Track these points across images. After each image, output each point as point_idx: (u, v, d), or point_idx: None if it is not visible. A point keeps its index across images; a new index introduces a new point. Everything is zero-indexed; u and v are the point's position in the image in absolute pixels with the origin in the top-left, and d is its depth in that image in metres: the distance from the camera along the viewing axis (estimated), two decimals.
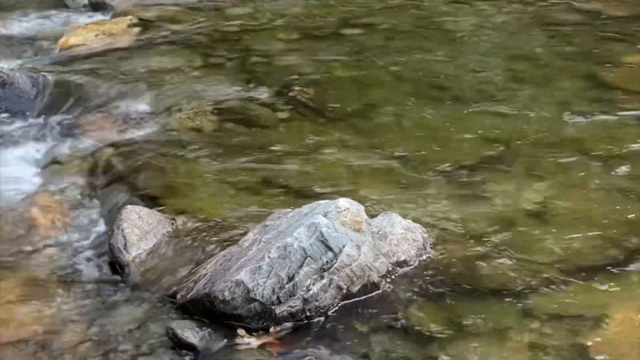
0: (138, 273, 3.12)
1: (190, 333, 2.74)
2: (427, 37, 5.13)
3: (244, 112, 4.30)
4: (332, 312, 2.83)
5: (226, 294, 2.79)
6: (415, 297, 2.92)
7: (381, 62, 4.80)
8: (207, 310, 2.83)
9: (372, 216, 3.16)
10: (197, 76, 4.69)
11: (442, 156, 3.82)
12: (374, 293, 2.90)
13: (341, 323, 2.81)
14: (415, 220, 3.20)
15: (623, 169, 3.66)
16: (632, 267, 3.02)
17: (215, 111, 4.27)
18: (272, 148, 3.94)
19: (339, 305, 2.85)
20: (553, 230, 3.24)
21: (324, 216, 2.90)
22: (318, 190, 3.55)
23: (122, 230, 3.21)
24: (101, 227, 3.45)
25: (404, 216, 3.20)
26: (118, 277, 3.15)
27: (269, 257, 2.82)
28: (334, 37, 5.18)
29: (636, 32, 5.02)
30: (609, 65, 4.61)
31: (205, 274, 2.97)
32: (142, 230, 3.23)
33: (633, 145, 3.85)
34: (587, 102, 4.24)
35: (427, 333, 2.78)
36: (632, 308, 2.81)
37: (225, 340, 2.76)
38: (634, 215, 3.31)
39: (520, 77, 4.56)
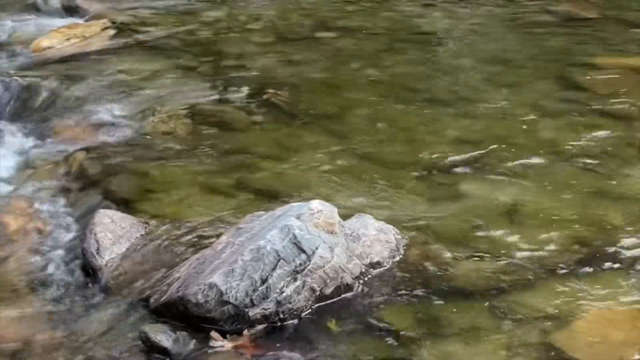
0: (111, 277, 3.10)
1: (163, 337, 2.73)
2: (400, 39, 5.15)
3: (218, 115, 4.30)
4: (306, 314, 2.84)
5: (199, 297, 2.79)
6: (388, 298, 2.92)
7: (355, 65, 4.82)
8: (180, 314, 2.83)
9: (345, 218, 3.17)
10: (170, 80, 4.69)
11: (416, 158, 3.83)
12: (347, 294, 2.91)
13: (315, 325, 2.82)
14: (388, 221, 3.22)
15: (594, 170, 3.69)
16: (601, 266, 3.04)
17: (189, 114, 4.26)
18: (246, 151, 3.94)
19: (313, 307, 2.85)
20: (525, 230, 3.27)
21: (297, 218, 2.91)
22: (292, 192, 3.55)
23: (95, 234, 3.19)
24: (74, 231, 3.44)
25: (378, 218, 3.21)
26: (91, 282, 3.13)
27: (242, 259, 2.82)
28: (308, 40, 5.19)
29: (606, 34, 5.07)
30: (580, 66, 4.65)
31: (178, 277, 2.96)
32: (115, 234, 3.22)
33: (604, 145, 3.89)
34: (559, 103, 4.28)
35: (401, 334, 2.79)
36: (602, 306, 2.84)
37: (199, 343, 2.75)
38: (604, 215, 3.34)
39: (493, 79, 4.59)
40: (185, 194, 3.60)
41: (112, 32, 5.26)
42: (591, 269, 3.04)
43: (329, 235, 2.92)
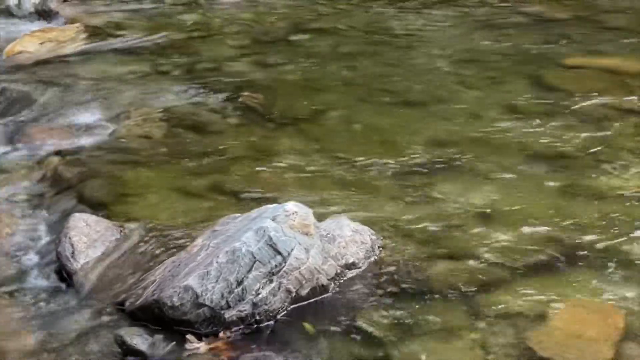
0: (86, 281, 3.09)
1: (139, 340, 2.73)
2: (375, 41, 5.18)
3: (193, 118, 4.29)
4: (282, 316, 2.84)
5: (175, 299, 2.78)
6: (364, 299, 2.94)
7: (330, 67, 4.84)
8: (156, 317, 2.82)
9: (321, 219, 3.18)
10: (145, 83, 4.68)
11: (391, 159, 3.85)
12: (323, 296, 2.92)
13: (291, 326, 2.82)
14: (364, 222, 3.23)
15: (567, 169, 3.73)
16: (574, 264, 3.07)
17: (164, 118, 4.26)
18: (221, 153, 3.95)
19: (289, 308, 2.86)
20: (498, 230, 3.29)
21: (272, 220, 2.91)
22: (268, 194, 3.56)
23: (70, 238, 3.18)
24: (48, 235, 3.42)
25: (353, 219, 3.22)
26: (66, 286, 3.12)
27: (217, 262, 2.82)
28: (283, 42, 5.21)
29: (578, 34, 5.13)
30: (553, 67, 4.70)
31: (154, 281, 2.96)
32: (90, 238, 3.21)
33: (576, 145, 3.93)
34: (532, 104, 4.32)
35: (376, 334, 2.80)
36: (574, 303, 2.87)
37: (175, 346, 2.75)
38: (576, 214, 3.37)
39: (467, 80, 4.63)
40: (160, 196, 3.59)
41: (86, 36, 5.24)
42: (564, 268, 3.07)
43: (304, 237, 2.93)
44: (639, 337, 2.73)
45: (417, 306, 2.90)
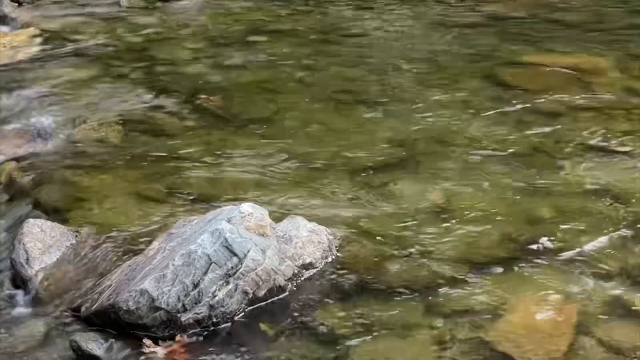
0: (41, 287, 3.06)
1: (95, 345, 2.71)
2: (333, 42, 5.18)
3: (150, 121, 4.27)
4: (239, 317, 2.84)
5: (130, 303, 2.77)
6: (322, 299, 2.94)
7: (288, 68, 4.83)
8: (112, 322, 2.80)
9: (279, 220, 3.18)
10: (102, 87, 4.64)
11: (349, 159, 3.86)
12: (280, 296, 2.92)
13: (248, 328, 2.82)
14: (321, 222, 3.23)
15: (522, 166, 3.76)
16: (529, 260, 3.10)
17: (121, 121, 4.23)
18: (179, 156, 3.92)
19: (246, 310, 2.85)
20: (456, 227, 3.31)
21: (228, 222, 2.90)
22: (226, 197, 3.54)
23: (24, 244, 3.15)
24: (2, 242, 3.38)
25: (311, 219, 3.22)
26: (20, 292, 3.09)
27: (173, 264, 2.81)
28: (241, 44, 5.19)
29: (534, 32, 5.17)
30: (509, 65, 4.73)
31: (110, 285, 2.94)
32: (44, 243, 3.18)
33: (533, 142, 3.96)
34: (488, 102, 4.34)
35: (335, 334, 2.80)
36: (530, 299, 2.89)
37: (131, 350, 2.73)
38: (533, 210, 3.40)
39: (424, 79, 4.65)
40: (117, 201, 3.57)
41: (41, 40, 5.19)
42: (519, 264, 3.09)
43: (260, 238, 2.92)
44: (592, 330, 2.77)
45: (374, 304, 2.91)
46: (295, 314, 2.88)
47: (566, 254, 3.13)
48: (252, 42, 5.21)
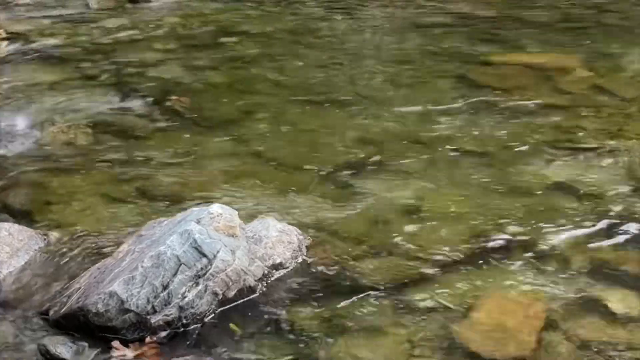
0: (9, 291, 3.04)
1: (63, 348, 2.69)
2: (303, 43, 5.19)
3: (120, 123, 4.25)
4: (209, 319, 2.83)
5: (99, 306, 2.75)
6: (292, 299, 2.94)
7: (258, 69, 4.83)
8: (81, 325, 2.78)
9: (249, 221, 3.17)
10: (71, 89, 4.61)
11: (319, 159, 3.86)
12: (250, 297, 2.91)
13: (218, 329, 2.81)
14: (291, 223, 3.24)
15: (491, 164, 3.79)
16: (498, 257, 3.12)
17: (90, 124, 4.20)
18: (149, 158, 3.91)
19: (216, 311, 2.85)
20: (425, 226, 3.33)
21: (197, 223, 2.90)
22: (196, 198, 3.54)
23: None
24: None
25: (281, 219, 3.22)
26: None
27: (142, 266, 2.80)
28: (211, 45, 5.18)
29: (503, 32, 5.21)
30: (478, 64, 4.76)
31: (78, 288, 2.92)
32: (12, 247, 3.15)
33: (501, 140, 3.99)
34: (458, 101, 4.37)
35: (304, 333, 2.81)
36: (499, 296, 2.92)
37: (101, 353, 2.72)
38: (501, 208, 3.43)
39: (394, 79, 4.66)
40: (86, 203, 3.55)
41: (8, 42, 5.14)
42: (489, 261, 3.12)
43: (230, 239, 2.92)
44: (560, 326, 2.79)
45: (344, 304, 2.92)
46: (266, 314, 2.88)
47: (534, 251, 3.16)
48: (223, 43, 5.20)
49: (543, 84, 4.53)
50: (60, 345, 2.69)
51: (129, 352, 2.70)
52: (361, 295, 2.96)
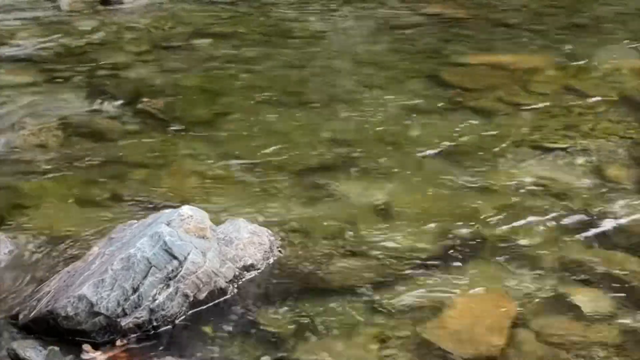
0: None
1: (33, 352, 2.67)
2: (276, 44, 5.19)
3: (91, 126, 4.23)
4: (180, 321, 2.83)
5: (69, 309, 2.74)
6: (263, 300, 2.94)
7: (231, 71, 4.83)
8: (51, 328, 2.77)
9: (221, 223, 3.17)
10: (42, 92, 4.58)
11: (292, 160, 3.87)
12: (221, 299, 2.91)
13: (189, 331, 2.81)
14: (264, 224, 3.24)
15: (464, 164, 3.81)
16: (469, 256, 3.14)
17: (61, 126, 4.18)
18: (121, 161, 3.90)
19: (187, 313, 2.84)
20: (397, 226, 3.34)
21: (167, 225, 2.89)
22: (168, 200, 3.52)
23: None
24: None
25: (253, 221, 3.22)
26: None
27: (112, 269, 2.79)
28: (184, 47, 5.17)
29: (474, 33, 5.23)
30: (450, 65, 4.79)
31: (48, 292, 2.90)
32: None
33: (473, 140, 4.01)
34: (430, 102, 4.39)
35: (277, 334, 2.81)
36: (468, 294, 2.93)
37: (71, 357, 2.70)
38: (472, 207, 3.45)
39: (368, 80, 4.68)
40: (57, 207, 3.53)
41: None
42: (460, 260, 3.14)
43: (200, 240, 2.92)
44: (530, 325, 2.81)
45: (316, 304, 2.92)
46: (237, 315, 2.88)
47: (505, 250, 3.18)
48: (195, 45, 5.19)
49: (514, 84, 4.56)
50: (29, 350, 2.68)
51: (100, 356, 2.69)
52: (332, 295, 2.97)
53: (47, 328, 2.78)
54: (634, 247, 3.22)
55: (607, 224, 3.36)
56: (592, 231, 3.31)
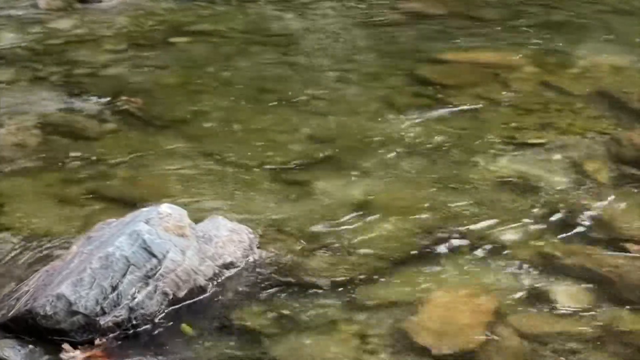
0: None
1: (12, 352, 2.66)
2: (255, 42, 5.18)
3: (70, 124, 4.21)
4: (160, 319, 2.82)
5: (47, 308, 2.73)
6: (243, 297, 2.94)
7: (210, 69, 4.82)
8: (29, 328, 2.76)
9: (201, 220, 3.17)
10: (20, 90, 4.56)
11: (271, 158, 3.87)
12: (201, 297, 2.91)
13: (169, 329, 2.81)
14: (243, 222, 3.24)
15: (443, 160, 3.82)
16: (447, 252, 3.16)
17: (40, 125, 4.16)
18: (99, 159, 3.88)
19: (166, 311, 2.84)
20: (376, 223, 3.35)
21: (146, 223, 2.89)
22: (147, 199, 3.51)
23: None
24: None
25: (232, 219, 3.22)
26: None
27: (90, 268, 2.78)
28: (163, 45, 5.15)
29: (453, 30, 5.25)
30: (429, 62, 4.80)
31: (27, 291, 2.89)
32: None
33: (452, 137, 4.02)
34: (409, 99, 4.40)
35: (257, 332, 2.81)
36: (446, 290, 2.95)
37: (50, 356, 2.70)
38: (451, 204, 3.46)
39: (345, 77, 4.68)
40: (35, 206, 3.51)
41: None
42: (439, 257, 3.15)
43: (179, 238, 2.91)
44: (508, 320, 2.83)
45: (295, 301, 2.93)
46: (217, 313, 2.88)
47: (483, 246, 3.20)
48: (174, 43, 5.17)
49: (492, 80, 4.58)
50: (8, 349, 2.67)
51: (79, 354, 2.68)
52: (312, 292, 2.98)
53: (26, 327, 2.77)
54: (612, 242, 3.25)
55: (586, 220, 3.38)
56: (571, 226, 3.34)
